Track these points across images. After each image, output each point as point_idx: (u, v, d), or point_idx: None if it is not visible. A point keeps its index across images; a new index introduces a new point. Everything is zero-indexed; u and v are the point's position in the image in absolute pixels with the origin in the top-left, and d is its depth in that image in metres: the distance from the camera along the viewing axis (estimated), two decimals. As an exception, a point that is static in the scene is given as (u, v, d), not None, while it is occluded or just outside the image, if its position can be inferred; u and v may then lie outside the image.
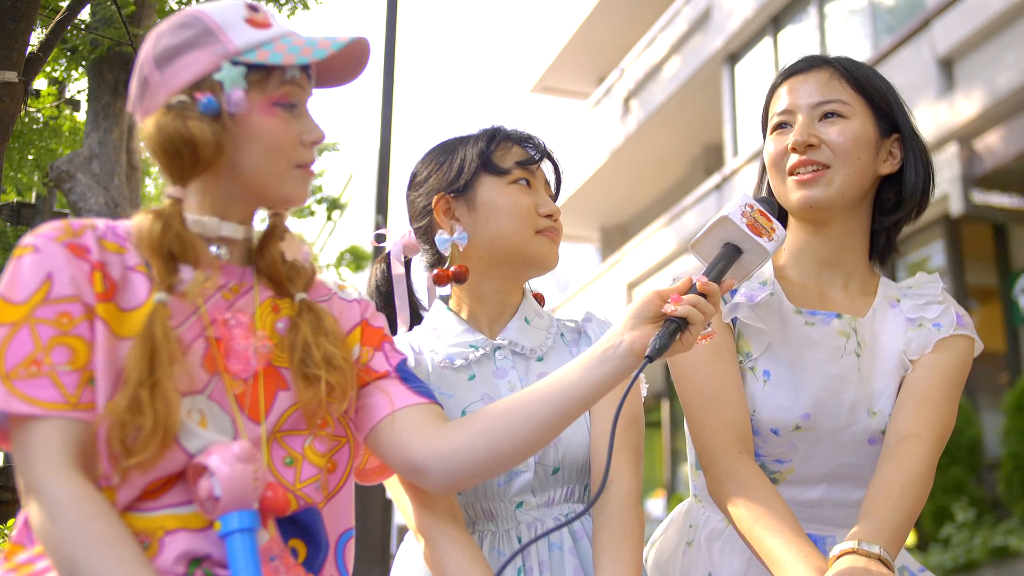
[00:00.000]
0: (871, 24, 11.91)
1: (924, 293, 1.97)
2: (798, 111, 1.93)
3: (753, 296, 1.92)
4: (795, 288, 1.96)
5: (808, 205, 1.89)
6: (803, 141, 1.89)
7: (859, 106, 1.92)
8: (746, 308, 1.91)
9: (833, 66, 1.95)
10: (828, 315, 1.92)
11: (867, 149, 1.90)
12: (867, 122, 1.91)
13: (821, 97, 1.92)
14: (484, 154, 1.90)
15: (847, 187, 1.89)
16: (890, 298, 1.98)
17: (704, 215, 14.26)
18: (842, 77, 1.93)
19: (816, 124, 1.90)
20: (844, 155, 1.88)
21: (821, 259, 1.97)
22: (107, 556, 1.25)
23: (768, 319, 1.91)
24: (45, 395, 1.30)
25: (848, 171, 1.88)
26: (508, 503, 1.83)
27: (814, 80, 1.94)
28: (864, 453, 1.88)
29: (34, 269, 1.35)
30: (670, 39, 15.71)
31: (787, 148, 1.91)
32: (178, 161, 1.43)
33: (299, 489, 1.48)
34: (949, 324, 1.91)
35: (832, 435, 1.87)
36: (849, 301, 1.96)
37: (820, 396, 1.86)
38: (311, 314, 1.54)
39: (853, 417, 1.87)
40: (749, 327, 1.91)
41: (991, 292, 10.84)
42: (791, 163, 1.91)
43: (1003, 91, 9.28)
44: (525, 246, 1.88)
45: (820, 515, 1.90)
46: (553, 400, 1.54)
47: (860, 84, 1.93)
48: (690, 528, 2.01)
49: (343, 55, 1.56)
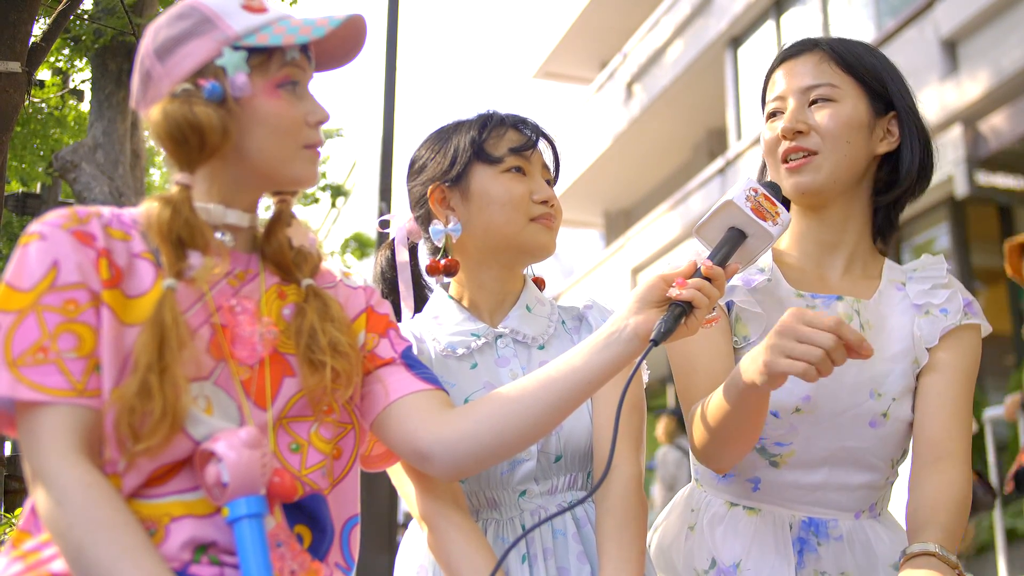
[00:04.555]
0: (874, 6, 11.87)
1: (929, 276, 1.96)
2: (789, 96, 1.92)
3: (750, 281, 1.92)
4: (794, 272, 1.96)
5: (800, 192, 1.89)
6: (791, 128, 1.89)
7: (849, 88, 1.91)
8: (742, 292, 1.91)
9: (823, 49, 1.94)
10: (829, 298, 1.92)
11: (858, 131, 1.89)
12: (859, 104, 1.91)
13: (811, 81, 1.91)
14: (476, 142, 1.89)
15: (838, 171, 1.88)
16: (895, 281, 1.98)
17: (708, 199, 14.24)
18: (831, 59, 1.92)
19: (805, 110, 1.90)
20: (833, 140, 1.87)
21: (822, 242, 1.97)
22: (113, 542, 1.26)
23: (766, 303, 1.91)
24: (52, 382, 1.30)
25: (838, 156, 1.88)
26: (511, 491, 1.83)
27: (804, 64, 1.94)
28: (865, 436, 1.88)
29: (40, 256, 1.35)
30: (673, 23, 15.67)
31: (779, 136, 1.92)
32: (185, 147, 1.43)
33: (305, 475, 1.48)
34: (956, 310, 1.91)
35: (833, 417, 1.87)
36: (851, 284, 1.96)
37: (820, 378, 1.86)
38: (317, 300, 1.54)
39: (854, 399, 1.87)
40: (746, 311, 1.91)
41: (996, 274, 10.79)
42: (782, 150, 1.91)
43: (1007, 72, 9.25)
44: (519, 236, 1.87)
45: (823, 498, 1.90)
46: (558, 385, 1.54)
47: (850, 65, 1.92)
48: (692, 512, 2.02)
49: (341, 34, 1.56)
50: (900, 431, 1.91)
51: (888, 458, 1.92)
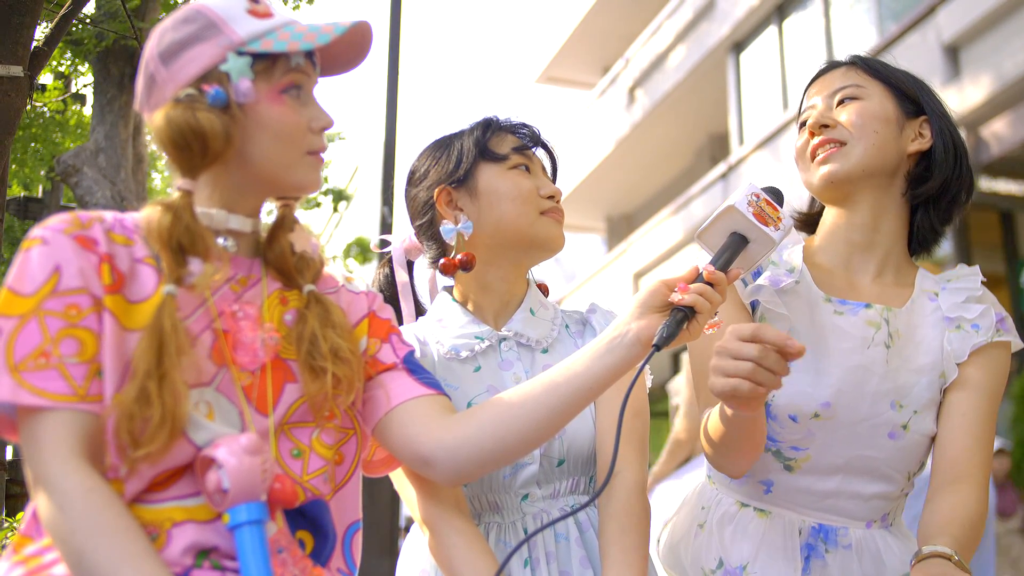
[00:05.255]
0: (876, 11, 11.88)
1: (963, 287, 1.94)
2: (817, 105, 1.96)
3: (777, 281, 1.91)
4: (824, 275, 1.95)
5: (829, 180, 1.90)
6: (818, 122, 1.92)
7: (875, 88, 1.94)
8: (769, 292, 1.90)
9: (851, 63, 2.00)
10: (857, 305, 1.90)
11: (886, 124, 1.91)
12: (885, 101, 1.93)
13: (837, 85, 1.95)
14: (480, 142, 1.90)
15: (867, 159, 1.89)
16: (928, 291, 1.96)
17: (710, 204, 14.24)
18: (858, 67, 1.97)
19: (832, 109, 1.94)
20: (860, 129, 1.89)
21: (852, 242, 1.95)
22: (115, 547, 1.26)
23: (793, 305, 1.90)
24: (53, 387, 1.30)
25: (866, 143, 1.88)
26: (514, 495, 1.83)
27: (831, 76, 1.99)
28: (883, 446, 1.87)
29: (42, 261, 1.35)
30: (675, 28, 15.68)
31: (807, 138, 1.94)
32: (188, 153, 1.43)
33: (307, 481, 1.48)
34: (988, 327, 1.90)
35: (851, 426, 1.86)
36: (880, 291, 1.94)
37: (842, 385, 1.85)
38: (319, 306, 1.54)
39: (874, 409, 1.86)
40: (771, 312, 1.90)
41: (998, 279, 10.81)
42: (811, 148, 1.93)
43: (1009, 77, 9.25)
44: (531, 228, 1.88)
45: (834, 506, 1.90)
46: (560, 390, 1.54)
47: (876, 70, 1.96)
48: (702, 510, 2.02)
49: (346, 40, 1.56)
50: (920, 444, 1.89)
51: (904, 470, 1.91)
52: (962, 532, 1.71)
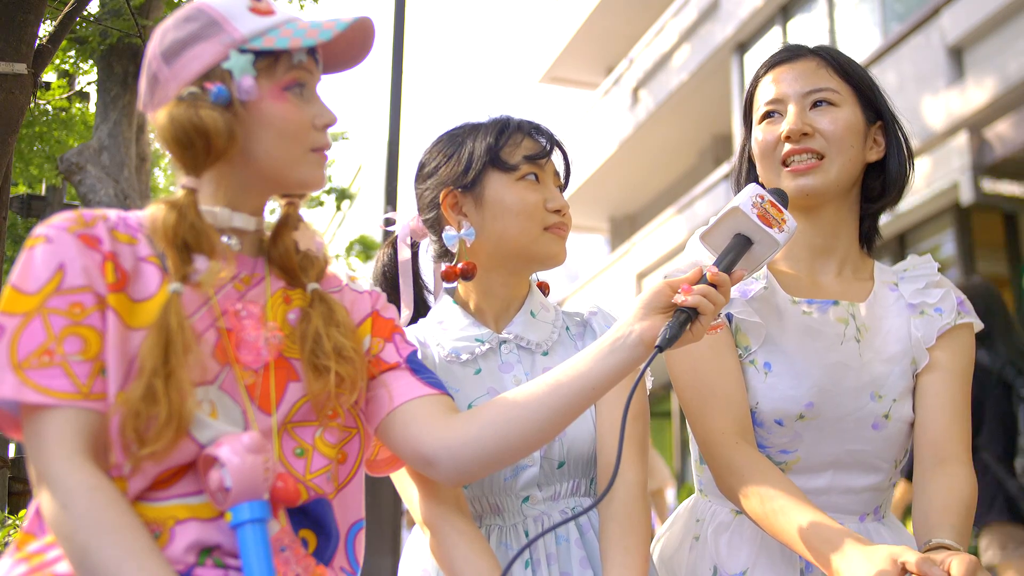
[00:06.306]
0: (880, 12, 11.86)
1: (921, 274, 1.99)
2: (788, 100, 1.93)
3: (746, 291, 1.92)
4: (788, 278, 1.97)
5: (804, 194, 1.89)
6: (798, 130, 1.89)
7: (847, 94, 1.93)
8: (740, 303, 1.91)
9: (819, 55, 1.96)
10: (825, 303, 1.93)
11: (857, 136, 1.92)
12: (856, 110, 1.93)
13: (811, 86, 1.92)
14: (492, 149, 1.87)
15: (842, 175, 1.90)
16: (887, 282, 2.00)
17: (714, 204, 14.23)
18: (829, 66, 1.95)
19: (808, 113, 1.91)
20: (838, 143, 1.89)
21: (813, 247, 1.98)
22: (118, 545, 1.26)
23: (764, 311, 1.91)
24: (57, 385, 1.30)
25: (843, 159, 1.89)
26: (515, 497, 1.83)
27: (800, 69, 1.95)
28: (869, 438, 1.90)
29: (46, 259, 1.35)
30: (679, 28, 15.67)
31: (779, 137, 1.92)
32: (191, 151, 1.43)
33: (309, 480, 1.48)
34: (951, 309, 1.94)
35: (836, 422, 1.88)
36: (844, 287, 1.97)
37: (822, 384, 1.87)
38: (323, 305, 1.54)
39: (856, 403, 1.88)
40: (745, 321, 1.91)
41: (1001, 281, 10.79)
42: (784, 152, 1.91)
43: (1013, 79, 9.24)
44: (532, 245, 1.86)
45: (827, 502, 1.90)
46: (563, 391, 1.54)
47: (847, 72, 1.95)
48: (697, 523, 2.02)
49: (348, 37, 1.56)
50: (902, 431, 1.92)
51: (891, 459, 1.93)
52: (959, 520, 1.73)
